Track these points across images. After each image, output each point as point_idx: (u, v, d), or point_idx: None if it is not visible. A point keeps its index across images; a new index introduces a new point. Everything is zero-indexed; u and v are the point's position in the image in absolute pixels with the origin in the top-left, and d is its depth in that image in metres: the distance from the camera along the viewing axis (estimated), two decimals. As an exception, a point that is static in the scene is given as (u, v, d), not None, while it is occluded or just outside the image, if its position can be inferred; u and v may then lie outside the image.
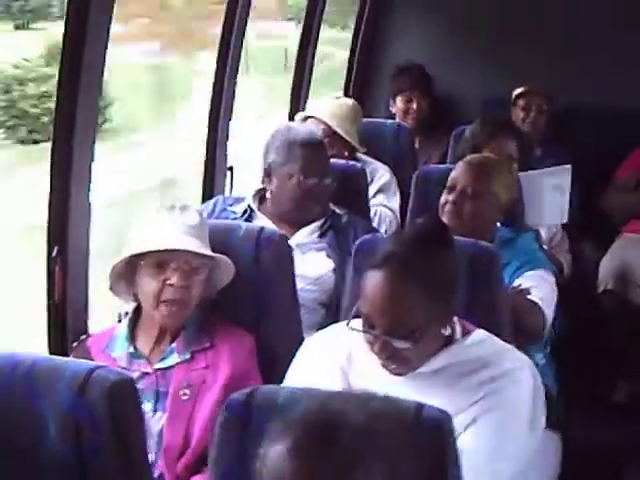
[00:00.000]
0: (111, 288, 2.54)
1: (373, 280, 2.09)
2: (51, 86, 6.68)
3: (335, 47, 7.33)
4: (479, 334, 2.22)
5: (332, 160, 3.58)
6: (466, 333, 2.21)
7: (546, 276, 3.14)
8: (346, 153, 4.02)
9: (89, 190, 2.65)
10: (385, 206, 4.04)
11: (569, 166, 3.87)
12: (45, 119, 6.98)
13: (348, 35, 5.67)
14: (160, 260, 2.47)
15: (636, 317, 4.33)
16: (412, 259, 2.08)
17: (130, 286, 2.53)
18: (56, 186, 2.61)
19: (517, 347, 2.30)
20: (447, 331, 2.15)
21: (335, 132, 3.99)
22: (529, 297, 3.00)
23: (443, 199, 3.15)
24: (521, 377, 2.15)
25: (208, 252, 2.52)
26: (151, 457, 2.35)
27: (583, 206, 4.49)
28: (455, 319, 2.20)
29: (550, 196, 3.70)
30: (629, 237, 4.63)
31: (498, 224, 3.23)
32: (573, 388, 3.38)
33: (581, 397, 3.77)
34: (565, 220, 3.92)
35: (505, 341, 2.28)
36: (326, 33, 5.56)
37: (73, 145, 2.56)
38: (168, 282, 2.46)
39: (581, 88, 4.90)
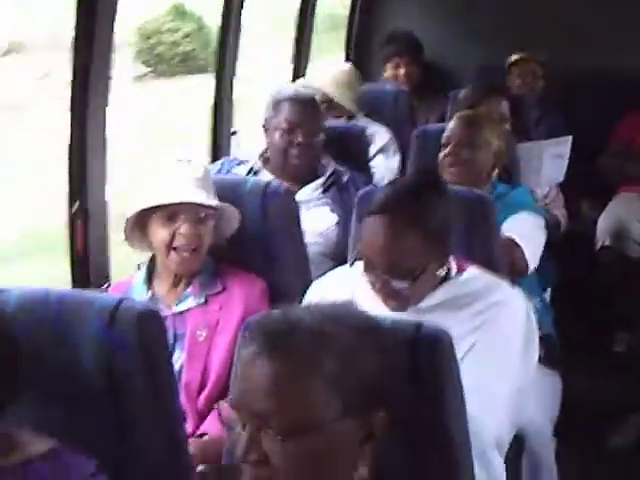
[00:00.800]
0: (126, 239, 2.67)
1: (371, 225, 2.24)
2: (178, 37, 10.13)
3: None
4: (472, 270, 2.37)
5: (333, 121, 3.74)
6: (460, 270, 2.35)
7: (529, 217, 3.25)
8: (344, 117, 4.18)
9: (105, 147, 2.79)
10: (385, 166, 4.19)
11: (570, 137, 4.00)
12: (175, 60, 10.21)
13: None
14: (170, 212, 2.60)
15: (634, 271, 4.44)
16: (407, 204, 2.22)
17: (144, 236, 2.66)
18: (75, 146, 2.75)
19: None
20: (443, 271, 2.30)
21: (331, 98, 4.14)
22: (505, 234, 3.10)
23: (441, 155, 3.28)
24: (513, 305, 2.29)
25: (215, 203, 2.64)
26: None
27: (580, 167, 4.61)
28: (450, 258, 2.34)
29: (549, 164, 3.82)
30: (625, 195, 4.75)
31: (495, 182, 3.35)
32: (572, 334, 3.48)
33: (579, 343, 3.89)
34: (561, 179, 4.06)
35: None
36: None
37: (88, 109, 2.69)
38: (178, 232, 2.59)
39: (578, 52, 4.99)
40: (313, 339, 1.48)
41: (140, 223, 2.65)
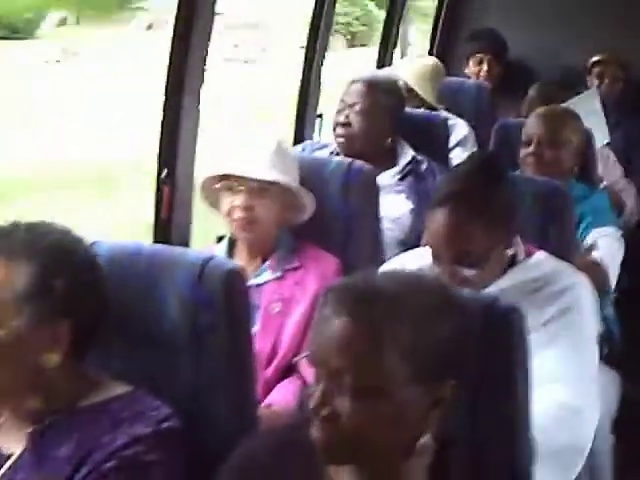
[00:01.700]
0: (209, 204, 2.80)
1: (437, 216, 2.29)
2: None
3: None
4: (540, 254, 2.43)
5: (415, 110, 3.80)
6: (528, 255, 2.41)
7: (613, 233, 3.30)
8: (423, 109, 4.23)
9: (198, 119, 2.87)
10: (462, 159, 4.22)
11: (593, 89, 4.03)
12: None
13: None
14: (229, 183, 2.69)
15: None
16: (469, 193, 2.28)
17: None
18: (168, 117, 2.82)
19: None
20: (510, 251, 2.35)
21: (412, 89, 4.20)
22: (593, 255, 3.16)
23: (523, 153, 3.32)
24: (583, 290, 2.36)
25: (272, 177, 2.68)
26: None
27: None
28: (518, 240, 2.39)
29: (586, 121, 3.78)
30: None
31: (574, 180, 3.38)
32: (636, 334, 3.50)
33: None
34: (607, 140, 4.05)
35: None
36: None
37: (185, 74, 2.77)
38: (235, 203, 2.69)
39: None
40: (391, 304, 1.53)
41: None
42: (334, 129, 3.50)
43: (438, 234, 2.28)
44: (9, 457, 1.77)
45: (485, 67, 5.18)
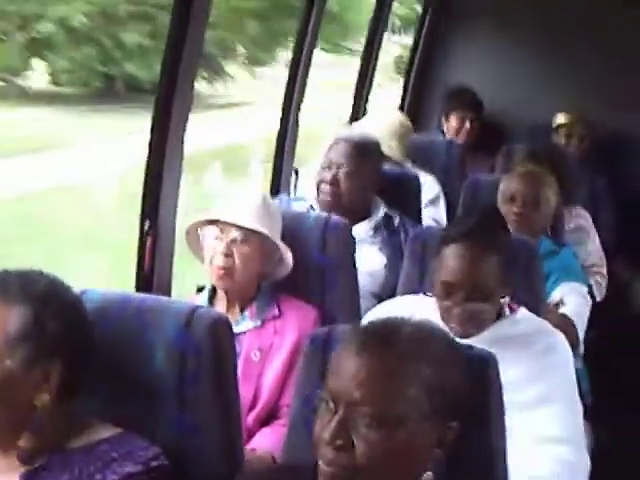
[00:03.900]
0: (193, 252, 2.88)
1: (452, 252, 2.43)
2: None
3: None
4: (524, 312, 2.55)
5: (387, 167, 3.90)
6: (512, 310, 2.53)
7: (581, 289, 3.42)
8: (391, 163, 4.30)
9: (180, 171, 2.95)
10: (434, 219, 4.31)
11: None
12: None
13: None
14: (212, 229, 2.78)
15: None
16: (482, 231, 2.44)
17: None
18: (151, 169, 2.90)
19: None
20: (505, 300, 2.49)
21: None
22: (562, 310, 3.26)
23: (505, 210, 3.37)
24: (565, 348, 2.50)
25: (251, 226, 2.75)
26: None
27: (619, 228, 4.75)
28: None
29: None
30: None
31: (542, 236, 3.49)
32: (602, 387, 3.60)
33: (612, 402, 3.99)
34: None
35: None
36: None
37: (169, 129, 2.85)
38: (217, 250, 2.77)
39: (627, 119, 5.10)
40: (412, 343, 1.64)
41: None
42: (318, 186, 3.58)
43: (454, 268, 2.42)
44: (1, 500, 1.82)
45: (467, 125, 5.30)
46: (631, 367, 4.42)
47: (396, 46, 13.30)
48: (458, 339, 2.39)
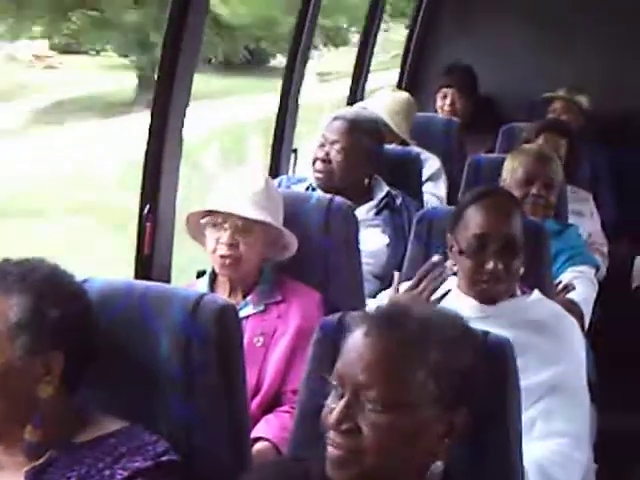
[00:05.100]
0: (193, 238, 2.82)
1: (484, 204, 2.49)
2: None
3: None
4: (537, 294, 2.53)
5: (389, 146, 3.85)
6: (524, 292, 2.51)
7: (589, 273, 3.39)
8: (395, 143, 4.28)
9: (180, 155, 2.90)
10: (433, 194, 4.29)
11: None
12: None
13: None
14: (216, 220, 2.72)
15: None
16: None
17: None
18: (151, 154, 2.86)
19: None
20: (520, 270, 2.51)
21: (386, 124, 4.23)
22: (570, 295, 3.21)
23: (520, 192, 3.32)
24: (578, 337, 2.49)
25: (256, 216, 2.70)
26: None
27: (619, 205, 4.72)
28: None
29: None
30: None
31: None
32: (606, 368, 3.58)
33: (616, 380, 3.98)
34: None
35: None
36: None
37: (169, 114, 2.81)
38: (220, 240, 2.72)
39: (626, 93, 5.10)
40: (422, 326, 1.61)
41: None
42: (313, 163, 3.54)
43: (487, 219, 2.45)
44: (8, 496, 1.78)
45: (448, 101, 5.23)
46: (634, 347, 4.40)
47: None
48: (483, 307, 2.44)
